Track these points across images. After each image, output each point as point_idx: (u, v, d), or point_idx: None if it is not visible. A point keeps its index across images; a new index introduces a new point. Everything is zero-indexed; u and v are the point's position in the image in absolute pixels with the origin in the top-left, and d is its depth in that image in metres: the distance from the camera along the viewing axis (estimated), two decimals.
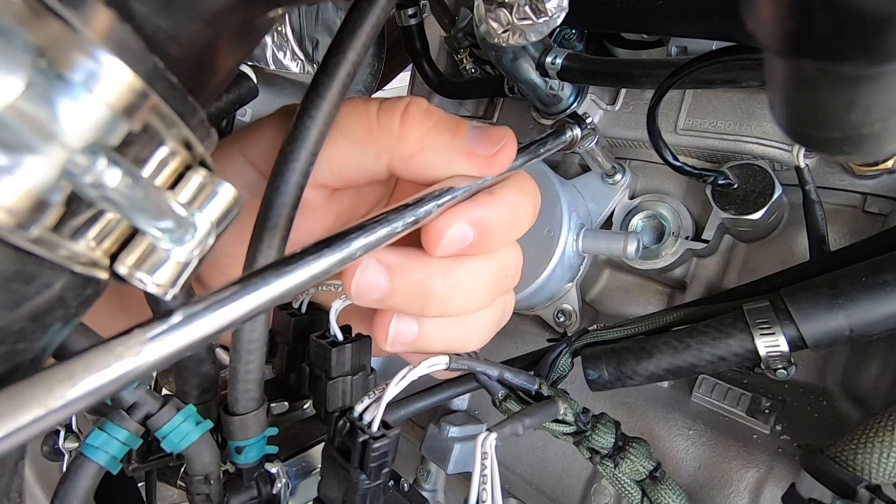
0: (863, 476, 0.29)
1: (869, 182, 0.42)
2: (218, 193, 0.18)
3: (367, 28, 0.24)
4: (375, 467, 0.28)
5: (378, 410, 0.28)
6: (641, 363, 0.35)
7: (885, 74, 0.16)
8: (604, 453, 0.34)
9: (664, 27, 0.39)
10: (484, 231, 0.28)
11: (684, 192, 0.51)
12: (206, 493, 0.31)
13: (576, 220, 0.50)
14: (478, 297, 0.30)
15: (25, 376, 0.17)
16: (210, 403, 0.33)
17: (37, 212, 0.14)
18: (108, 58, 0.13)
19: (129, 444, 0.29)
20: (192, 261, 0.18)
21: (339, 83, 0.25)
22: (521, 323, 0.57)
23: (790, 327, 0.31)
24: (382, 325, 0.30)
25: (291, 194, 0.26)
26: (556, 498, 0.49)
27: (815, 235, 0.39)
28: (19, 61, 0.12)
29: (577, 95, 0.52)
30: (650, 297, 0.53)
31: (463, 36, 0.56)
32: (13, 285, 0.15)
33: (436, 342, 0.31)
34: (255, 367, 0.29)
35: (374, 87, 0.92)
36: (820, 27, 0.14)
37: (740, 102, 0.46)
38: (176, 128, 0.16)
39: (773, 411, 0.42)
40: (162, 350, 0.17)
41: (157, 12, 0.16)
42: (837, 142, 0.20)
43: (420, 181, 0.29)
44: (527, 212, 0.31)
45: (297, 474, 0.41)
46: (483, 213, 0.28)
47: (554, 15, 0.35)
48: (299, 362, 0.37)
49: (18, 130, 0.13)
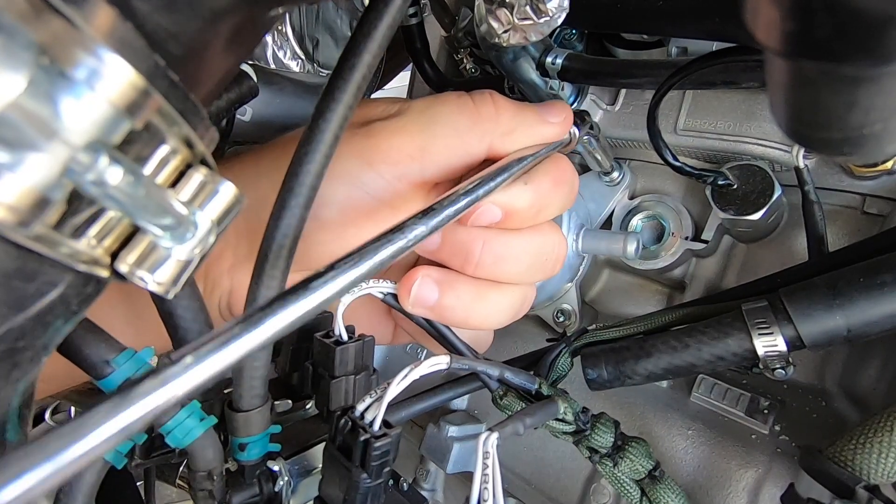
0: (861, 476, 0.29)
1: (868, 183, 0.42)
2: (219, 192, 0.18)
3: (383, 30, 0.24)
4: (376, 466, 0.28)
5: (380, 410, 0.28)
6: (640, 363, 0.35)
7: (886, 75, 0.16)
8: (603, 452, 0.34)
9: (665, 28, 0.39)
10: (510, 212, 0.33)
11: (684, 193, 0.51)
12: (208, 490, 0.31)
13: (575, 219, 0.50)
14: (514, 268, 0.35)
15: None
16: (214, 400, 0.33)
17: (38, 209, 0.14)
18: (110, 56, 0.13)
19: (133, 439, 0.29)
20: (193, 259, 0.18)
21: (354, 86, 0.25)
22: (521, 323, 0.57)
23: (788, 327, 0.31)
24: (407, 285, 0.34)
25: (305, 196, 0.26)
26: (556, 497, 0.49)
27: (814, 236, 0.39)
28: (22, 59, 0.12)
29: (578, 95, 0.52)
30: (649, 297, 0.53)
31: (463, 36, 0.56)
32: (14, 283, 0.15)
33: (455, 312, 0.34)
34: (261, 363, 0.30)
35: (375, 87, 0.92)
36: (821, 28, 0.14)
37: (740, 103, 0.46)
38: (177, 126, 0.16)
39: (772, 411, 0.42)
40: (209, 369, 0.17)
41: (158, 10, 0.16)
42: (837, 143, 0.20)
43: (507, 154, 0.34)
44: (558, 197, 0.35)
45: (299, 473, 0.41)
46: (509, 198, 0.33)
47: (555, 15, 0.35)
48: (303, 362, 0.37)
49: (20, 128, 0.13)
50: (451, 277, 0.34)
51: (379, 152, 0.34)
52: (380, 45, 0.24)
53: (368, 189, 0.34)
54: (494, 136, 0.34)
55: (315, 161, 0.25)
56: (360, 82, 0.25)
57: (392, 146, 0.34)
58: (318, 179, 0.26)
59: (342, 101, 0.25)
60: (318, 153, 0.25)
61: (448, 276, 0.34)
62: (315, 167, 0.26)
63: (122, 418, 0.15)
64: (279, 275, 0.27)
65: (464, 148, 0.34)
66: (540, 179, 0.34)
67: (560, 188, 0.35)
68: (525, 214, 0.34)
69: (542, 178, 0.34)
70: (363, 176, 0.34)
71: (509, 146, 0.35)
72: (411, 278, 0.34)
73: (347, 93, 0.25)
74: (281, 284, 0.27)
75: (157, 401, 0.16)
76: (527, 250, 0.35)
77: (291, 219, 0.26)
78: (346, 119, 0.26)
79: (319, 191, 0.27)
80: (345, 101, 0.25)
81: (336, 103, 0.25)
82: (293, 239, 0.27)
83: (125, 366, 0.27)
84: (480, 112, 0.34)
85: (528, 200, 0.34)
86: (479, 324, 0.35)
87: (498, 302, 0.35)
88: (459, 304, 0.34)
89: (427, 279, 0.34)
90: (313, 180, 0.26)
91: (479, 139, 0.34)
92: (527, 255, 0.35)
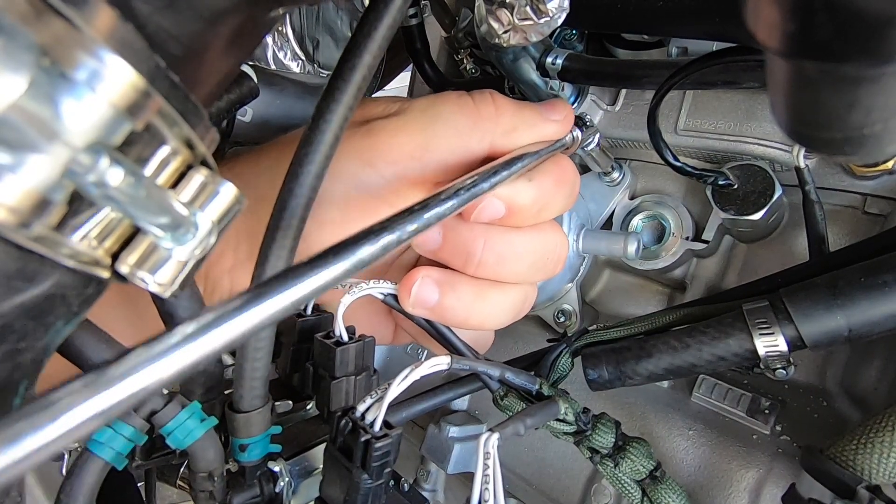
0: (862, 476, 0.29)
1: (869, 183, 0.42)
2: (219, 193, 0.18)
3: (383, 30, 0.24)
4: (377, 467, 0.28)
5: (380, 410, 0.28)
6: (641, 363, 0.35)
7: (886, 75, 0.16)
8: (604, 453, 0.34)
9: (665, 28, 0.39)
10: (513, 208, 0.33)
11: (685, 193, 0.51)
12: (209, 491, 0.31)
13: (576, 220, 0.50)
14: (516, 267, 0.35)
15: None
16: (214, 401, 0.33)
17: (39, 210, 0.14)
18: (111, 57, 0.13)
19: (134, 440, 0.29)
20: (194, 260, 0.18)
21: (354, 87, 0.25)
22: (522, 323, 0.57)
23: (789, 327, 0.31)
24: (407, 286, 0.33)
25: (305, 196, 0.26)
26: (556, 498, 0.49)
27: (814, 236, 0.39)
28: (23, 60, 0.12)
29: (578, 96, 0.52)
30: (650, 298, 0.53)
31: (463, 36, 0.56)
32: (15, 283, 0.15)
33: (456, 312, 0.34)
34: (262, 364, 0.30)
35: (375, 87, 0.92)
36: (821, 28, 0.14)
37: (740, 103, 0.46)
38: (178, 127, 0.16)
39: (773, 411, 0.42)
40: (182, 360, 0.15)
41: (159, 12, 0.16)
42: (838, 142, 0.20)
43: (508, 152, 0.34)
44: (560, 196, 0.35)
45: (300, 473, 0.41)
46: (513, 193, 0.33)
47: (555, 15, 0.35)
48: (303, 363, 0.37)
49: (21, 129, 0.13)
50: (452, 278, 0.34)
51: (379, 151, 0.34)
52: (380, 45, 0.24)
53: (368, 188, 0.34)
54: (495, 135, 0.34)
55: (315, 162, 0.25)
56: (360, 83, 0.25)
57: (392, 145, 0.33)
58: (318, 180, 0.26)
59: (342, 102, 0.25)
60: (318, 154, 0.25)
61: (448, 277, 0.34)
62: (315, 168, 0.26)
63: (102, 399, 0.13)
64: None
65: (464, 147, 0.34)
66: (543, 177, 0.34)
67: (562, 187, 0.35)
68: (528, 212, 0.34)
69: (545, 177, 0.34)
70: (363, 175, 0.34)
71: (510, 145, 0.35)
72: (412, 279, 0.34)
73: (348, 93, 0.25)
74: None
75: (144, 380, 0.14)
76: (528, 250, 0.35)
77: (292, 219, 0.26)
78: (346, 119, 0.26)
79: (319, 190, 0.27)
80: (345, 102, 0.25)
81: (336, 104, 0.25)
82: (294, 240, 0.27)
83: None
84: (481, 111, 0.34)
85: (532, 197, 0.34)
86: (480, 324, 0.35)
87: (499, 302, 0.35)
88: (460, 305, 0.34)
89: (427, 279, 0.34)
90: (314, 181, 0.26)
91: (480, 138, 0.34)
92: (528, 254, 0.35)
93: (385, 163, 0.34)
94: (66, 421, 0.13)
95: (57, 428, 0.13)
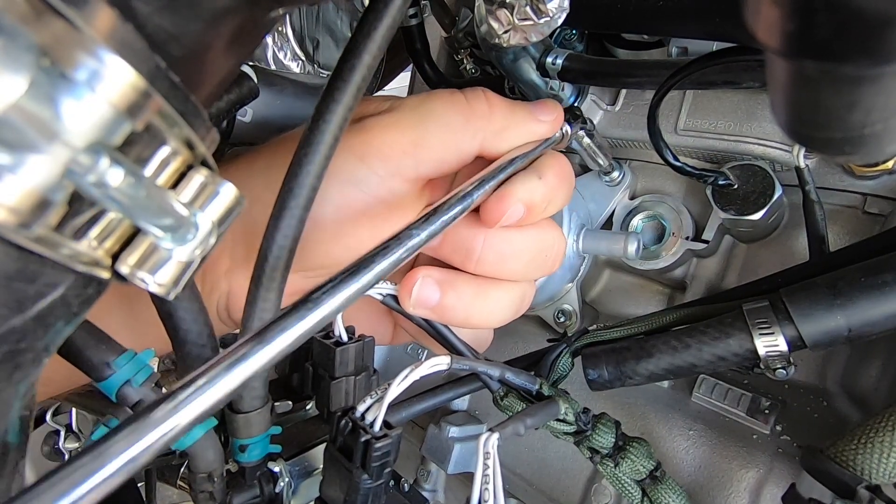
0: (863, 476, 0.29)
1: (869, 183, 0.42)
2: (219, 193, 0.18)
3: (383, 31, 0.24)
4: (377, 467, 0.28)
5: (380, 410, 0.28)
6: (641, 363, 0.35)
7: (886, 75, 0.16)
8: (604, 453, 0.34)
9: (665, 28, 0.39)
10: (529, 207, 0.34)
11: (685, 193, 0.51)
12: (209, 491, 0.31)
13: (576, 220, 0.50)
14: (515, 264, 0.35)
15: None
16: None
17: (39, 211, 0.14)
18: (111, 57, 0.13)
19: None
20: (194, 260, 0.18)
21: (353, 87, 0.25)
22: (522, 323, 0.57)
23: (789, 327, 0.31)
24: (408, 286, 0.34)
25: (305, 196, 0.26)
26: (556, 498, 0.49)
27: (814, 236, 0.39)
28: (23, 60, 0.12)
29: (578, 96, 0.52)
30: (650, 298, 0.53)
31: (463, 36, 0.56)
32: (15, 284, 0.15)
33: (457, 311, 0.34)
34: None
35: (375, 87, 0.92)
36: (821, 28, 0.14)
37: (740, 103, 0.46)
38: (178, 127, 0.16)
39: (773, 411, 0.42)
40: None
41: (159, 12, 0.16)
42: (838, 142, 0.20)
43: (500, 154, 0.35)
44: (562, 192, 0.36)
45: (300, 474, 0.41)
46: (529, 194, 0.33)
47: (555, 15, 0.35)
48: (303, 363, 0.37)
49: (21, 129, 0.13)
50: (452, 277, 0.34)
51: (371, 147, 0.34)
52: (379, 45, 0.24)
53: (362, 186, 0.34)
54: (487, 132, 0.34)
55: (315, 162, 0.25)
56: (359, 83, 0.25)
57: (384, 141, 0.33)
58: (317, 180, 0.26)
59: (342, 102, 0.25)
60: (318, 154, 0.25)
61: (449, 276, 0.34)
62: (315, 168, 0.26)
63: (141, 444, 0.16)
64: (279, 276, 0.27)
65: (456, 144, 0.34)
66: (549, 173, 0.35)
67: (564, 183, 0.36)
68: (539, 209, 0.34)
69: (550, 172, 0.35)
70: (357, 172, 0.34)
71: (501, 143, 0.35)
72: (412, 279, 0.34)
73: (347, 94, 0.25)
74: (280, 288, 0.27)
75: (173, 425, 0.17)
76: (527, 247, 0.35)
77: (291, 220, 0.26)
78: (345, 120, 0.26)
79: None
80: (344, 102, 0.25)
81: (336, 104, 0.25)
82: (293, 240, 0.27)
83: (125, 367, 0.27)
84: (473, 108, 0.34)
85: (543, 194, 0.34)
86: (480, 322, 0.35)
87: (499, 299, 0.35)
88: (460, 304, 0.34)
89: (428, 280, 0.34)
90: (313, 181, 0.26)
91: (472, 136, 0.34)
92: (527, 251, 0.35)
93: (377, 159, 0.33)
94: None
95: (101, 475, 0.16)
